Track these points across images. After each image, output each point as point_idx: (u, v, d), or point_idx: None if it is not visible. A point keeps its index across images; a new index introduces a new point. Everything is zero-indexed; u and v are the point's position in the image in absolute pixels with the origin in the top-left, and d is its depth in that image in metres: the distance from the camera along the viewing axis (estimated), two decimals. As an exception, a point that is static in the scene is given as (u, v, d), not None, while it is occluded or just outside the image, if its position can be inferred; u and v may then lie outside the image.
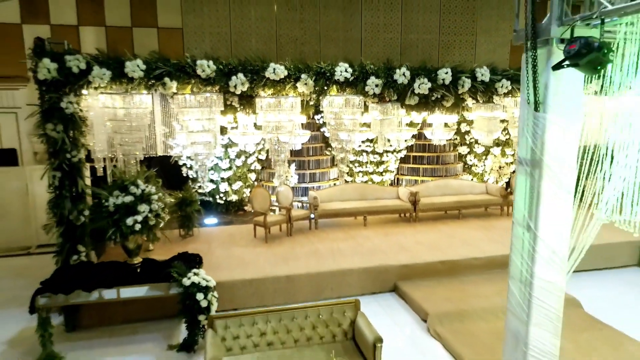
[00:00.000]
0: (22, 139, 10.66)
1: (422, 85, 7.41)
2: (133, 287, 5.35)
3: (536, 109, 3.05)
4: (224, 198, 10.48)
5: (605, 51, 2.58)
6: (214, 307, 5.39)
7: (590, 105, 3.44)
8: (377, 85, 7.29)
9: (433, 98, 7.85)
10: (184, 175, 10.37)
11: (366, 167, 11.21)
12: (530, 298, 3.24)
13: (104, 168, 7.23)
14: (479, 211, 10.34)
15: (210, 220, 9.85)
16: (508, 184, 11.50)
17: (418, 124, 10.52)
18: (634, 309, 6.71)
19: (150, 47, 10.72)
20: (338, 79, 7.23)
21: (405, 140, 10.60)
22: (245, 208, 10.71)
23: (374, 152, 11.03)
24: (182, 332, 5.76)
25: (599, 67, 2.63)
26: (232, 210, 10.66)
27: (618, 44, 2.77)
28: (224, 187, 10.31)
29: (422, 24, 12.54)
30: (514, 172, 11.36)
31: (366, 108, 8.03)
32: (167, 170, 9.52)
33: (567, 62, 2.69)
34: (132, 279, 5.45)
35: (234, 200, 10.57)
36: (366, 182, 10.98)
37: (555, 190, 3.08)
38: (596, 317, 6.30)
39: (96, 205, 5.42)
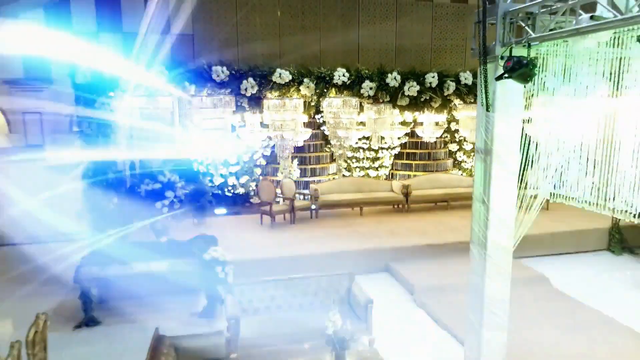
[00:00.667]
0: (45, 139, 11.57)
1: (411, 88, 8.34)
2: (161, 262, 6.26)
3: (487, 109, 3.95)
4: (231, 191, 11.38)
5: (532, 67, 3.49)
6: (230, 279, 6.30)
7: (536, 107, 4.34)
8: (371, 88, 8.22)
9: (422, 99, 8.78)
10: (195, 170, 11.27)
11: (363, 162, 12.11)
12: (485, 257, 4.14)
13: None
14: (466, 203, 11.20)
15: (220, 210, 10.75)
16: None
17: (410, 122, 11.42)
18: (598, 286, 7.60)
19: (164, 52, 11.66)
20: (336, 83, 8.15)
21: (399, 138, 11.50)
22: (252, 200, 11.60)
23: (369, 149, 11.93)
24: (202, 302, 6.67)
25: (528, 79, 3.55)
26: (239, 202, 11.55)
27: (544, 56, 3.68)
28: (232, 180, 11.21)
29: (416, 30, 13.45)
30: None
31: (362, 108, 8.95)
32: (175, 166, 10.44)
33: (505, 75, 3.60)
34: (160, 255, 6.37)
35: (241, 193, 11.47)
36: (363, 176, 11.88)
37: (502, 172, 3.99)
38: (563, 291, 7.22)
39: (129, 191, 6.33)
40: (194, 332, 4.85)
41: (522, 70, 3.47)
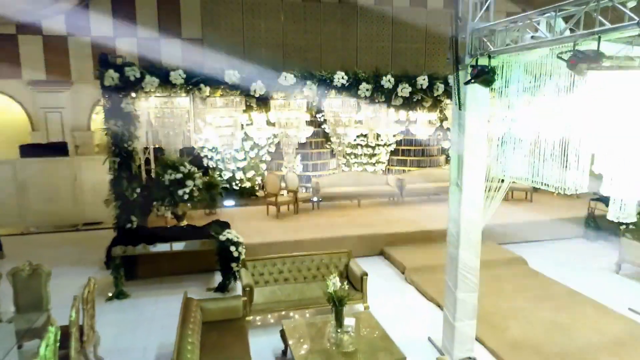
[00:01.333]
0: (65, 134, 12.49)
1: (404, 90, 9.19)
2: (182, 242, 7.13)
3: (460, 109, 4.82)
4: (239, 185, 12.25)
5: (492, 74, 4.36)
6: (242, 257, 7.17)
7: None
8: (367, 90, 9.06)
9: (414, 100, 9.62)
10: (205, 164, 12.13)
11: (361, 158, 12.99)
12: (459, 230, 5.00)
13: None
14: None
15: (228, 202, 11.62)
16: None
17: (404, 121, 12.27)
18: (571, 267, 8.44)
19: (176, 56, 12.55)
20: (336, 85, 8.99)
21: (394, 135, 12.37)
22: (257, 194, 12.46)
23: (367, 146, 12.80)
24: (216, 280, 7.54)
25: (489, 83, 4.41)
26: (246, 195, 12.41)
27: (502, 65, 4.54)
28: (239, 175, 12.08)
29: (410, 34, 14.32)
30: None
31: (359, 108, 9.79)
32: (190, 161, 11.31)
33: (472, 80, 4.46)
34: (181, 237, 7.24)
35: (247, 186, 12.33)
36: (361, 171, 12.75)
37: (472, 160, 4.84)
38: (538, 271, 8.09)
39: (155, 180, 7.20)
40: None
41: (484, 76, 4.35)
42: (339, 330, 4.77)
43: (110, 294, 7.09)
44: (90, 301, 5.05)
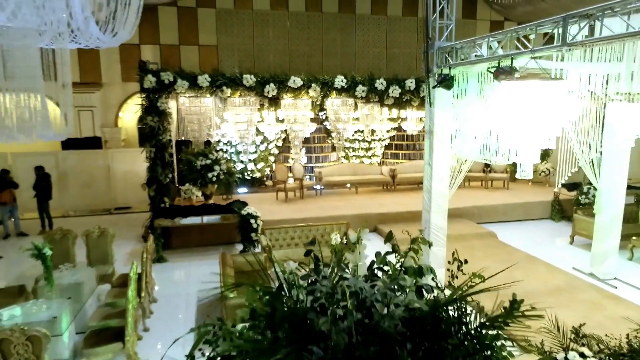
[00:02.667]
0: (95, 130, 14.05)
1: (394, 91, 10.78)
2: (211, 215, 8.71)
3: (430, 106, 6.40)
4: (250, 175, 13.81)
5: (451, 80, 5.95)
6: (260, 228, 8.74)
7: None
8: (363, 91, 10.65)
9: (404, 99, 11.22)
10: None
11: (358, 152, 14.57)
12: (431, 198, 6.58)
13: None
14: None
15: (241, 190, 13.19)
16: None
17: (396, 118, 13.87)
18: (535, 241, 10.02)
19: (194, 61, 14.13)
20: (336, 87, 10.57)
21: (387, 131, 13.94)
22: (267, 183, 14.02)
23: (364, 140, 14.38)
24: (237, 250, 9.10)
25: (449, 87, 6.00)
26: (256, 184, 13.98)
27: (459, 75, 6.12)
28: (250, 166, 13.65)
29: (403, 40, 15.90)
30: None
31: (357, 107, 11.38)
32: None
33: (437, 85, 6.04)
34: (209, 211, 8.82)
35: (257, 176, 13.90)
36: (358, 163, 14.33)
37: (439, 144, 6.42)
38: (507, 243, 9.67)
39: (189, 165, 8.78)
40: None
41: (446, 82, 5.94)
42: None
43: (152, 259, 8.66)
44: (150, 253, 6.62)
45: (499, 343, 1.72)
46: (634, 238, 8.62)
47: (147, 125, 9.53)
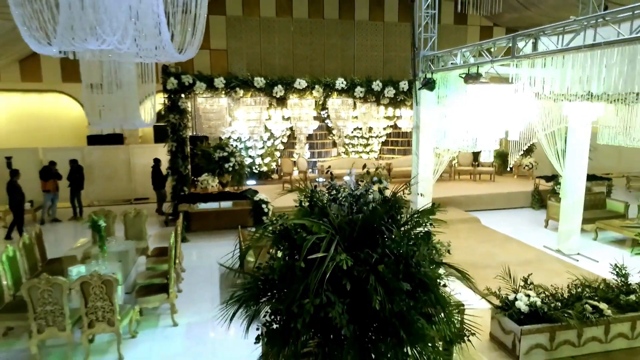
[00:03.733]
0: (115, 128, 15.21)
1: (389, 92, 11.99)
2: (227, 201, 9.92)
3: (417, 104, 7.62)
4: (258, 169, 15.03)
5: (433, 83, 7.16)
6: (270, 212, 9.95)
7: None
8: (361, 92, 11.86)
9: (398, 99, 12.43)
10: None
11: (357, 148, 15.79)
12: (417, 183, 7.79)
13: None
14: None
15: (250, 182, 14.41)
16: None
17: (392, 117, 15.09)
18: (515, 226, 11.23)
19: (206, 64, 15.33)
20: (337, 88, 11.77)
21: (384, 129, 15.15)
22: (273, 176, 15.23)
23: (362, 137, 15.60)
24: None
25: (431, 89, 7.21)
26: (263, 177, 15.19)
27: (440, 79, 7.32)
28: (258, 160, 14.87)
29: (399, 44, 17.12)
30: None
31: (355, 106, 12.60)
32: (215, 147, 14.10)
33: (421, 87, 7.25)
34: (225, 198, 10.03)
35: (265, 170, 15.12)
36: (357, 157, 15.55)
37: (424, 137, 7.64)
38: (488, 227, 10.88)
39: (207, 157, 9.99)
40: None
41: (428, 85, 7.16)
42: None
43: (176, 239, 9.87)
44: (180, 231, 7.82)
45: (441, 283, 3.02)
46: (598, 221, 9.84)
47: (169, 123, 10.73)
